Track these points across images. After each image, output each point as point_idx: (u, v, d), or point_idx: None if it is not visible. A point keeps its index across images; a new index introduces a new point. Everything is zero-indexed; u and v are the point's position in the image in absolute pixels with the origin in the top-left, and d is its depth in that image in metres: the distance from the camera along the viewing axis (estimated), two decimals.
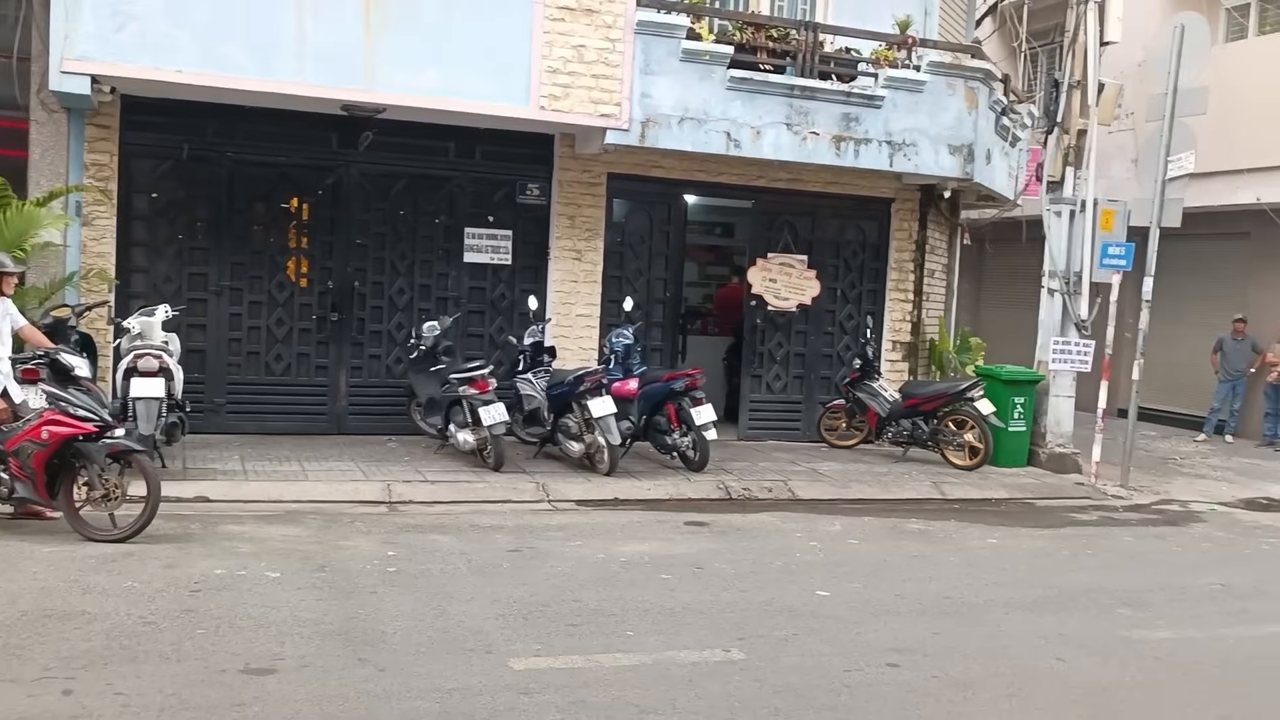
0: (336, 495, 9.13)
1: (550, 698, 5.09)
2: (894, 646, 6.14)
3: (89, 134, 10.59)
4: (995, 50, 16.88)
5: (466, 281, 12.08)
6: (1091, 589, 7.71)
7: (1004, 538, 9.39)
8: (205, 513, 8.35)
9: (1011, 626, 6.71)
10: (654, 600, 6.75)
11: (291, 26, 9.91)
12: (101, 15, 9.45)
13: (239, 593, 6.38)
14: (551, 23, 10.67)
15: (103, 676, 5.01)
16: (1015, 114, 13.73)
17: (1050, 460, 12.62)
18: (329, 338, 11.66)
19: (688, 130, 11.25)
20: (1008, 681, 5.72)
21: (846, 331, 13.55)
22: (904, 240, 13.74)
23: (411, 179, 11.80)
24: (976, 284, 20.85)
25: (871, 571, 7.84)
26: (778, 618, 6.56)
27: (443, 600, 6.48)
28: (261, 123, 11.07)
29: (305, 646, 5.57)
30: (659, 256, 12.88)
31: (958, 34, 14.63)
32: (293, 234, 11.61)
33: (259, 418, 11.39)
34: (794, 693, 5.36)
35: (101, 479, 7.27)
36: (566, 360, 11.74)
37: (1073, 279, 12.60)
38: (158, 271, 11.11)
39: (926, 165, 12.23)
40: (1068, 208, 12.65)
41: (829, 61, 11.95)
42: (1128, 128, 16.26)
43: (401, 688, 5.10)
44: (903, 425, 12.28)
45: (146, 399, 8.84)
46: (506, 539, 8.12)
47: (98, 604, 6.02)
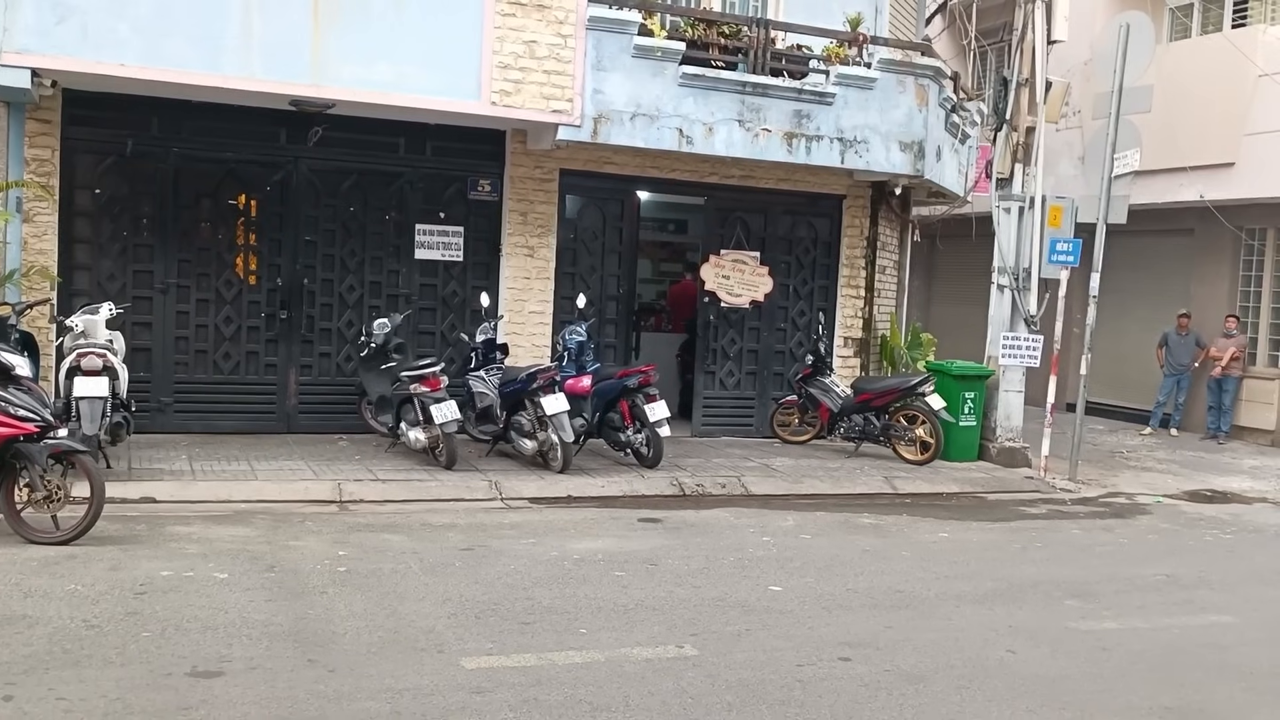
0: (286, 495, 9.02)
1: (503, 696, 5.06)
2: (846, 641, 6.17)
3: (29, 128, 10.38)
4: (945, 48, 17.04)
5: (418, 278, 11.99)
6: (1041, 581, 7.80)
7: (955, 531, 9.47)
8: (151, 514, 8.22)
9: (962, 619, 6.77)
10: (607, 597, 6.73)
11: (238, 20, 9.77)
12: (42, 7, 9.26)
13: (186, 594, 6.28)
14: (503, 18, 10.61)
15: (44, 682, 4.91)
16: (965, 111, 13.86)
17: (1000, 454, 12.75)
18: (278, 335, 11.53)
19: (640, 126, 11.24)
20: (959, 674, 5.76)
21: (799, 328, 13.61)
22: (855, 237, 13.82)
23: (361, 175, 11.69)
24: (927, 280, 21.04)
25: (824, 566, 7.88)
26: (730, 613, 6.57)
27: (394, 600, 6.43)
28: (208, 118, 10.92)
29: (254, 648, 5.50)
30: (612, 253, 12.85)
31: (908, 32, 14.73)
32: (241, 231, 11.46)
33: (207, 417, 11.24)
34: (747, 688, 5.36)
35: (44, 480, 7.12)
36: (519, 357, 11.69)
37: (1022, 275, 12.75)
38: (102, 269, 10.92)
39: (878, 162, 12.30)
40: (1016, 204, 12.80)
41: (781, 58, 11.99)
42: (1075, 125, 16.48)
43: (352, 688, 5.05)
44: (855, 421, 12.36)
45: (90, 398, 8.68)
46: (459, 538, 8.07)
47: (39, 608, 5.90)
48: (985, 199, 13.86)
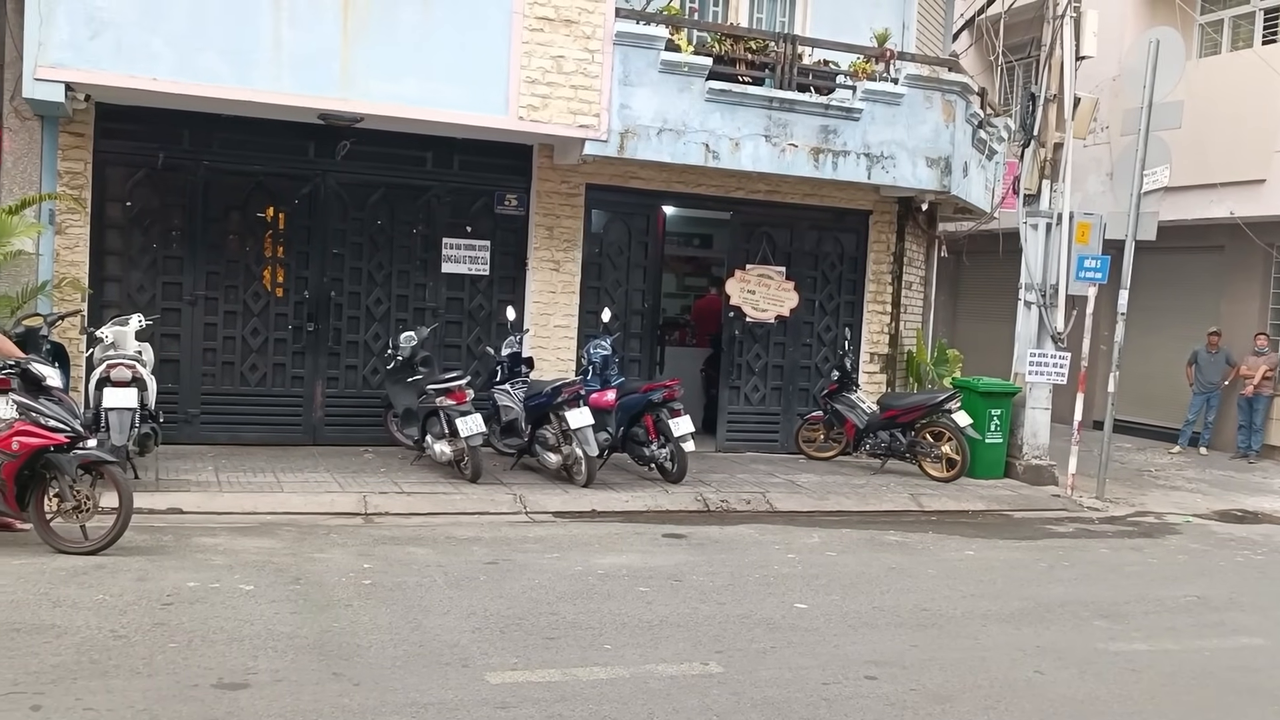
0: (312, 507, 9.05)
1: (527, 712, 5.05)
2: (872, 659, 6.13)
3: (63, 142, 10.49)
4: (972, 64, 16.98)
5: (444, 292, 12.03)
6: (1068, 601, 7.73)
7: (981, 549, 9.40)
8: (178, 524, 8.26)
9: (989, 639, 6.71)
10: (632, 613, 6.71)
11: (268, 34, 9.86)
12: (76, 22, 9.37)
13: (212, 606, 6.31)
14: (530, 33, 10.66)
15: (72, 691, 4.94)
16: (992, 127, 13.81)
17: (1027, 472, 12.67)
18: (305, 348, 11.58)
19: (666, 141, 11.26)
20: (986, 694, 5.71)
21: (825, 343, 13.58)
22: (882, 252, 13.78)
23: (389, 189, 11.75)
24: (953, 296, 20.95)
25: (849, 584, 7.83)
26: (756, 630, 6.54)
27: (419, 613, 6.43)
28: (237, 131, 11.00)
29: (279, 660, 5.51)
30: (637, 268, 12.86)
31: (935, 47, 14.71)
32: (269, 243, 11.53)
33: (233, 428, 11.30)
34: (772, 706, 5.33)
35: (73, 490, 7.18)
36: (544, 371, 11.71)
37: (1049, 292, 12.69)
38: (131, 280, 11.01)
39: (904, 178, 12.28)
40: (1044, 221, 12.74)
41: (807, 74, 11.99)
42: (1103, 141, 16.40)
43: (377, 702, 5.05)
44: (880, 437, 12.29)
45: (119, 409, 8.74)
46: (483, 551, 8.07)
47: (68, 618, 5.94)
48: (1012, 215, 13.79)
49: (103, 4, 9.39)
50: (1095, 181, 16.65)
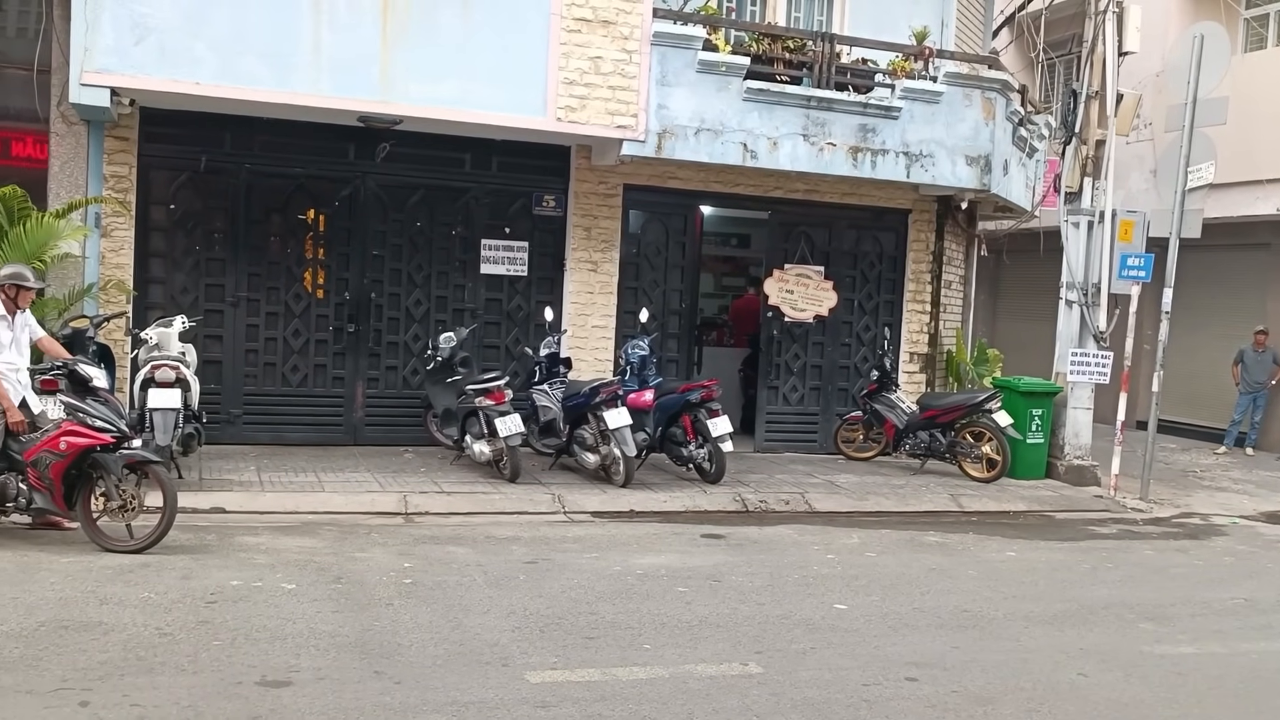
0: (353, 506, 9.12)
1: (567, 711, 5.06)
2: (913, 660, 6.09)
3: (108, 146, 10.64)
4: (1012, 61, 16.85)
5: (483, 293, 12.08)
6: (1112, 603, 7.64)
7: (1023, 550, 9.32)
8: (221, 524, 8.35)
9: (1032, 641, 6.65)
10: (671, 613, 6.71)
11: (308, 38, 9.95)
12: (121, 28, 9.50)
13: (255, 604, 6.37)
14: (568, 34, 10.69)
15: (119, 688, 5.01)
16: (1033, 124, 13.68)
17: (1068, 473, 12.54)
18: (345, 349, 11.67)
19: (704, 141, 11.25)
20: (1029, 696, 5.66)
21: (864, 343, 13.51)
22: (921, 251, 13.70)
23: (428, 190, 11.82)
24: (993, 295, 20.78)
25: (889, 584, 7.79)
26: (795, 631, 6.52)
27: (459, 612, 6.46)
28: (278, 134, 11.11)
29: (321, 659, 5.56)
30: (675, 268, 12.86)
31: (975, 45, 14.60)
32: (309, 245, 11.63)
33: (275, 428, 11.40)
34: (812, 707, 5.31)
35: (119, 490, 7.28)
36: (582, 371, 11.73)
37: (1091, 290, 12.55)
38: (175, 283, 11.14)
39: (943, 176, 12.19)
40: (1085, 219, 12.61)
41: (846, 72, 11.94)
42: (1146, 138, 16.20)
43: (418, 701, 5.08)
44: (920, 437, 12.21)
45: (163, 410, 8.85)
46: (523, 551, 8.10)
47: (114, 615, 6.02)
48: (1053, 213, 13.67)
49: (147, 10, 9.52)
50: (1138, 179, 16.46)
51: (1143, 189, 16.05)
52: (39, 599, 6.22)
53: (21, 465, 7.32)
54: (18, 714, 4.67)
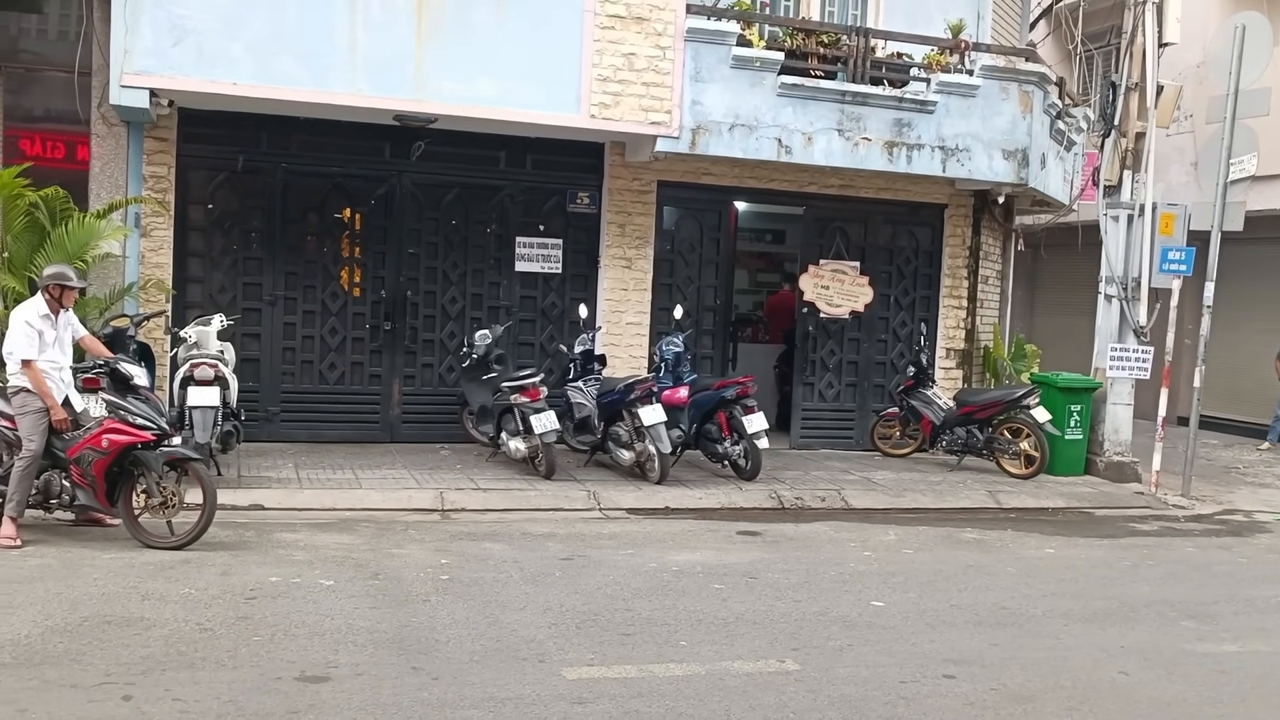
0: (390, 503, 9.18)
1: (604, 708, 5.06)
2: (951, 658, 6.05)
3: (147, 147, 10.75)
4: (1050, 53, 16.67)
5: (518, 290, 12.11)
6: (1154, 601, 7.56)
7: (1062, 547, 9.23)
8: (260, 520, 8.43)
9: (1071, 638, 6.59)
10: (707, 610, 6.70)
11: (344, 37, 10.01)
12: (160, 30, 9.59)
13: (294, 600, 6.42)
14: (602, 31, 10.69)
15: (161, 683, 5.06)
16: (1071, 117, 13.54)
17: (1108, 469, 12.41)
18: (382, 346, 11.74)
19: (738, 137, 11.22)
20: (1069, 694, 5.61)
21: (900, 339, 13.43)
22: (957, 246, 13.60)
23: (463, 188, 11.86)
24: (1031, 290, 20.60)
25: (927, 581, 7.74)
26: (832, 628, 6.49)
27: (495, 609, 6.48)
28: (315, 133, 11.19)
29: (359, 654, 5.59)
30: (709, 264, 12.83)
31: (1011, 37, 14.46)
32: (346, 244, 11.71)
33: (313, 426, 11.49)
34: (849, 704, 5.29)
35: (159, 486, 7.36)
36: (617, 368, 11.73)
37: (1131, 285, 12.41)
38: (213, 281, 11.25)
39: (980, 170, 12.09)
40: (1125, 212, 12.46)
41: (880, 67, 11.86)
42: (1186, 130, 15.98)
43: (455, 697, 5.10)
44: (957, 434, 12.12)
45: (203, 407, 8.93)
46: (558, 547, 8.12)
47: (156, 611, 6.09)
48: (1092, 207, 13.51)
49: (185, 12, 9.61)
50: (1178, 171, 16.25)
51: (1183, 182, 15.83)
52: (83, 594, 6.31)
53: (65, 462, 7.43)
54: (63, 707, 4.73)
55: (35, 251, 9.57)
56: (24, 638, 5.56)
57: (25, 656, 5.32)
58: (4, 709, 4.68)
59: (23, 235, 9.66)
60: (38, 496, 7.49)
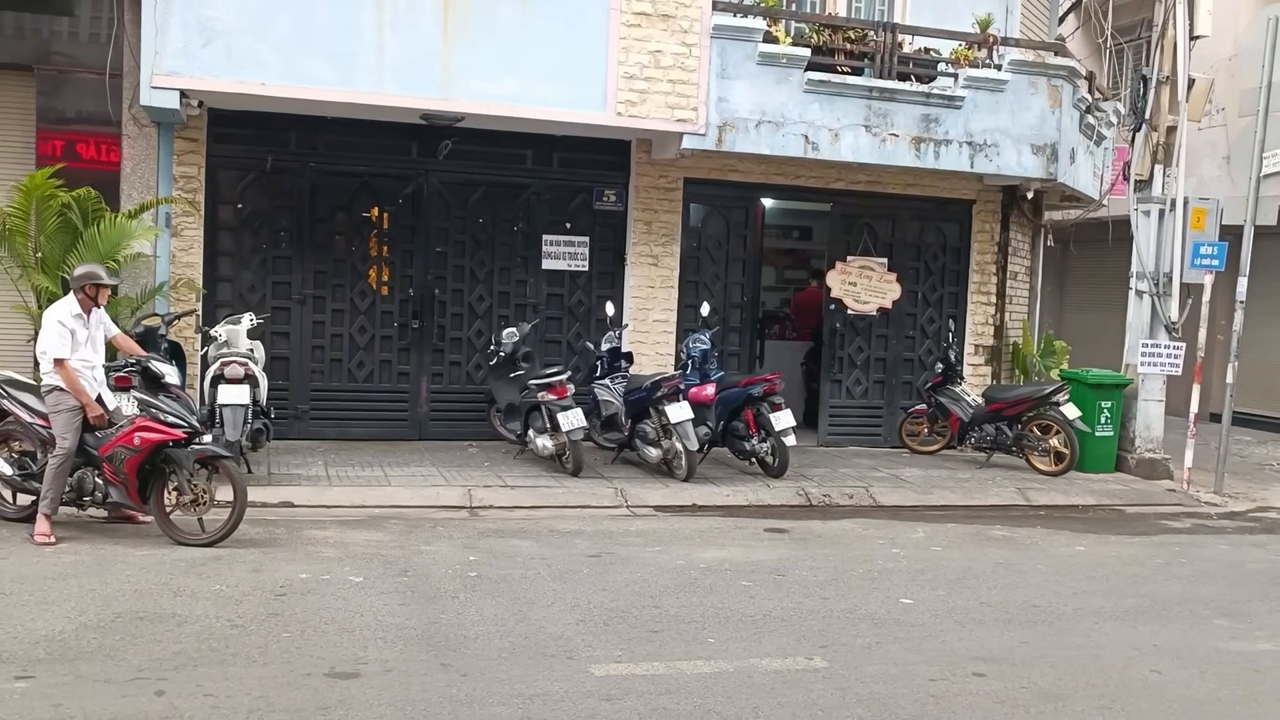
0: (418, 500, 9.22)
1: (632, 704, 5.07)
2: (980, 655, 6.02)
3: (178, 147, 10.84)
4: (1079, 47, 16.54)
5: (544, 288, 12.13)
6: (1186, 599, 7.49)
7: (1092, 545, 9.16)
8: (290, 518, 8.48)
9: (1103, 636, 6.54)
10: (735, 607, 6.69)
11: (371, 38, 10.05)
12: (189, 31, 9.66)
13: (323, 597, 6.46)
14: (628, 28, 10.68)
15: (193, 678, 5.11)
16: (1101, 112, 13.43)
17: (1139, 466, 12.31)
18: (410, 345, 11.79)
19: (765, 134, 11.19)
20: (1100, 693, 5.56)
21: (928, 335, 13.36)
22: (986, 242, 13.52)
23: (490, 187, 11.89)
24: (1060, 286, 20.44)
25: (956, 579, 7.70)
26: (860, 626, 6.47)
27: (524, 605, 6.50)
28: (342, 133, 11.24)
29: (388, 651, 5.62)
30: (736, 261, 12.81)
31: (1040, 31, 14.36)
32: (374, 242, 11.76)
33: (342, 424, 11.55)
34: (878, 702, 5.27)
35: (190, 484, 7.42)
36: (643, 366, 11.73)
37: (1162, 280, 12.30)
38: (243, 280, 11.32)
39: (1008, 166, 12.01)
40: (1156, 207, 12.35)
41: (908, 62, 11.79)
42: (1218, 124, 15.85)
43: (484, 693, 5.12)
44: (986, 430, 12.05)
45: (233, 406, 9.00)
46: (586, 544, 8.13)
47: (188, 607, 6.14)
48: (1122, 202, 13.41)
49: (214, 13, 9.68)
50: (1210, 165, 16.10)
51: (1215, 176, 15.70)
52: (115, 590, 6.37)
53: (98, 460, 7.50)
54: (97, 702, 4.78)
55: (68, 252, 9.66)
56: (58, 633, 5.62)
57: (60, 652, 5.38)
58: (39, 704, 4.74)
59: (56, 236, 9.75)
60: (71, 494, 7.58)
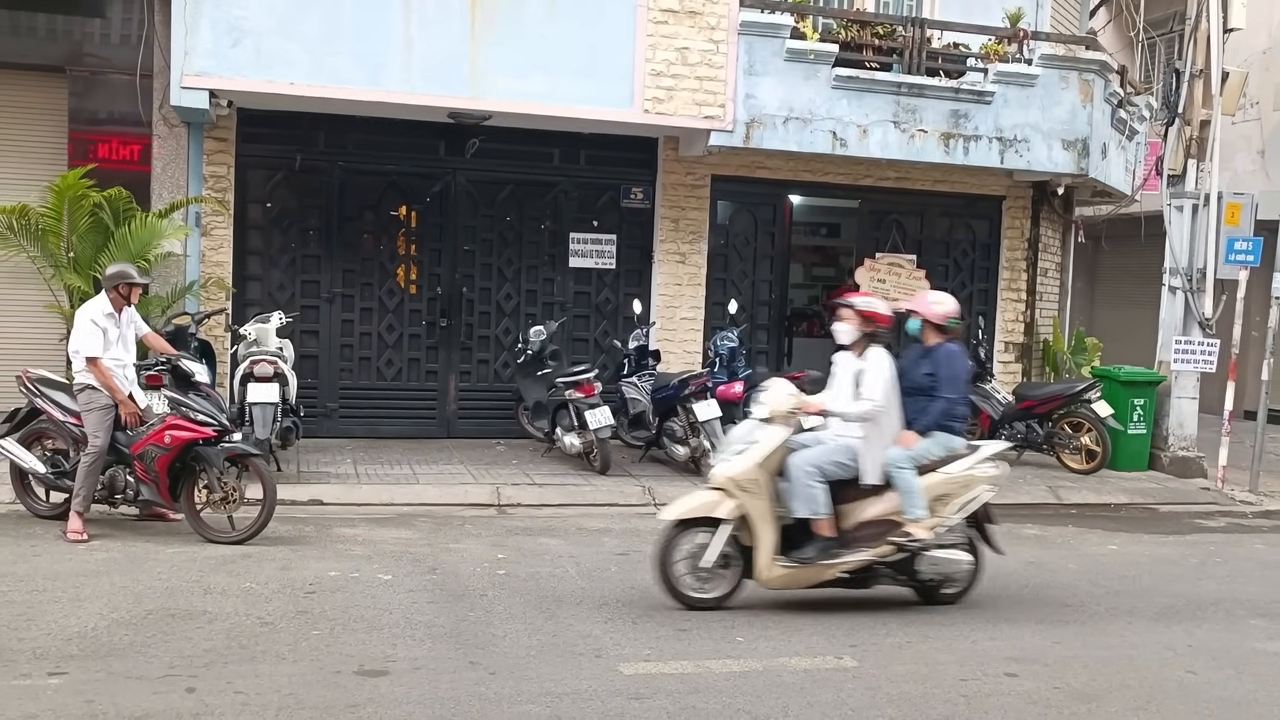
0: (446, 498, 9.23)
1: (661, 703, 5.05)
2: (1012, 655, 5.96)
3: (207, 147, 10.90)
4: (1111, 41, 16.39)
5: (572, 286, 12.13)
6: (1221, 599, 7.39)
7: (1125, 544, 9.07)
8: (319, 515, 8.51)
9: (1136, 637, 6.47)
10: (763, 606, 6.66)
11: (399, 36, 10.07)
12: (218, 32, 9.72)
13: (352, 595, 6.48)
14: (655, 25, 10.66)
15: (223, 675, 5.13)
16: (1133, 106, 13.30)
17: (1173, 464, 12.18)
18: (438, 343, 11.82)
19: (793, 130, 11.14)
20: (1135, 694, 5.50)
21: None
22: (1016, 239, 13.41)
23: (517, 185, 11.90)
24: (1091, 282, 20.27)
25: (986, 577, 7.59)
26: (890, 625, 6.42)
27: (552, 604, 6.49)
28: (370, 132, 11.28)
29: (417, 649, 5.63)
30: (764, 258, 12.76)
31: (1071, 25, 14.23)
32: (402, 241, 11.80)
33: (370, 422, 11.59)
34: (909, 701, 5.23)
35: (220, 482, 7.46)
36: (671, 364, 11.71)
37: (1196, 276, 12.16)
38: (272, 279, 11.38)
39: (1039, 161, 11.92)
40: (1190, 202, 12.21)
41: (937, 58, 11.72)
42: (1253, 118, 15.67)
43: (512, 691, 5.11)
44: (1016, 428, 11.95)
45: (262, 404, 9.05)
46: (614, 542, 8.11)
47: (218, 604, 6.17)
48: (1155, 197, 13.27)
49: (243, 13, 9.74)
50: (1245, 160, 15.91)
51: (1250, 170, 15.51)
52: (147, 588, 6.41)
53: (129, 458, 7.55)
54: (129, 699, 4.81)
55: (100, 251, 9.74)
56: (91, 630, 5.66)
57: (92, 648, 5.41)
58: (72, 700, 4.77)
59: (88, 235, 9.84)
60: (103, 492, 7.63)
